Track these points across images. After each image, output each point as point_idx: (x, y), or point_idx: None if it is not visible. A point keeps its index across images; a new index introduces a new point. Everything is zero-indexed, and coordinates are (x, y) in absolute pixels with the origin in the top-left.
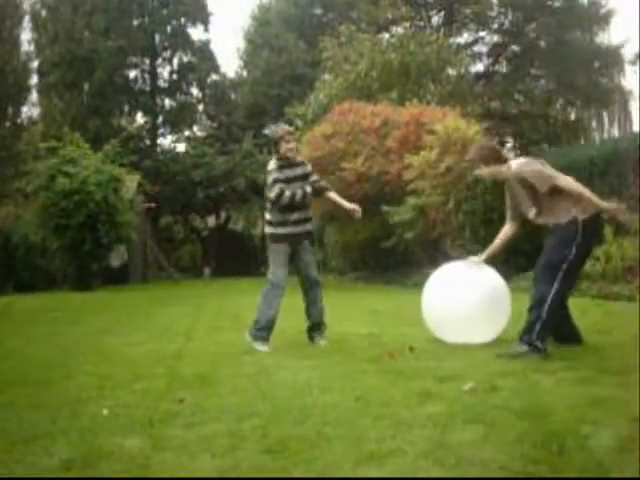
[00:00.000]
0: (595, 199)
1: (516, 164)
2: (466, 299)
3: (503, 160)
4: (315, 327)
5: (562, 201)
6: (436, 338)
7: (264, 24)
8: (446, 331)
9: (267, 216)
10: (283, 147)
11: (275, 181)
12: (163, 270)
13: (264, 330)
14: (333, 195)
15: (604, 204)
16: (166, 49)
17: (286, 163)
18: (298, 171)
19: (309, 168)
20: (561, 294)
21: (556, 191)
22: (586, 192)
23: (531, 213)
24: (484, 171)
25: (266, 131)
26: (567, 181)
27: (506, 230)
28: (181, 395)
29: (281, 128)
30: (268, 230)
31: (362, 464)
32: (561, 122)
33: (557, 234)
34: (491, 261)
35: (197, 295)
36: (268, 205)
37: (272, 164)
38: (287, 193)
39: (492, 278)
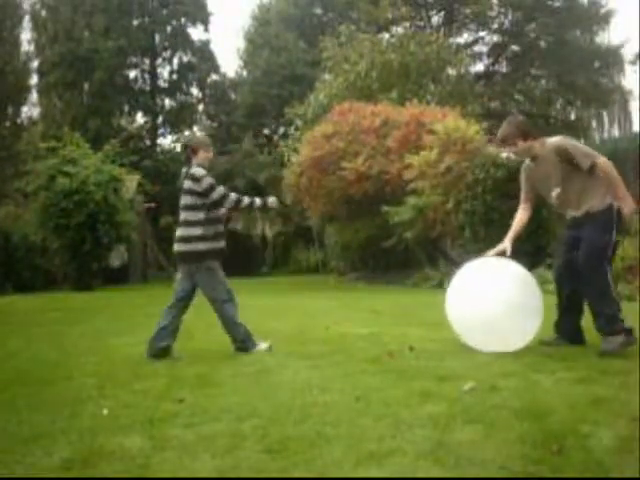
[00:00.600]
0: (624, 191)
1: (554, 139)
2: (503, 301)
3: (537, 136)
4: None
5: (596, 183)
6: (467, 346)
7: (264, 24)
8: (478, 339)
9: (197, 231)
10: (202, 155)
11: (213, 185)
12: (163, 270)
13: (246, 338)
14: None
15: (630, 199)
16: (166, 49)
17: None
18: None
19: None
20: (609, 277)
21: (592, 171)
22: (619, 180)
23: (554, 192)
24: (520, 147)
25: (186, 136)
26: (606, 163)
27: (521, 215)
28: (181, 395)
29: (203, 136)
30: (201, 247)
31: (362, 464)
32: (561, 122)
33: (594, 222)
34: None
35: (197, 295)
36: (200, 217)
37: (201, 170)
38: (233, 196)
39: (526, 278)
